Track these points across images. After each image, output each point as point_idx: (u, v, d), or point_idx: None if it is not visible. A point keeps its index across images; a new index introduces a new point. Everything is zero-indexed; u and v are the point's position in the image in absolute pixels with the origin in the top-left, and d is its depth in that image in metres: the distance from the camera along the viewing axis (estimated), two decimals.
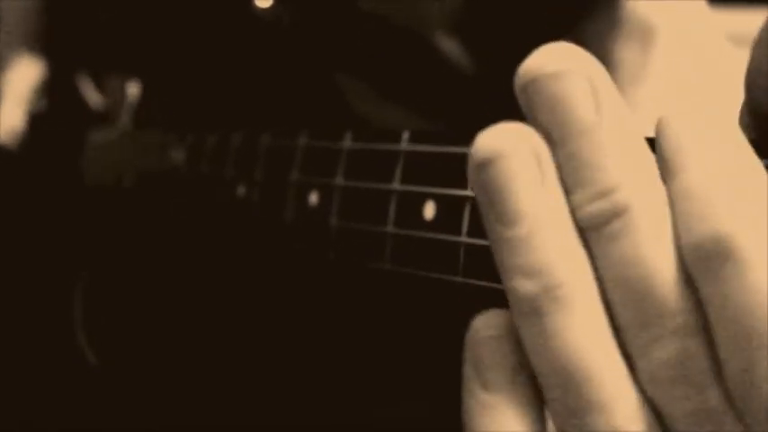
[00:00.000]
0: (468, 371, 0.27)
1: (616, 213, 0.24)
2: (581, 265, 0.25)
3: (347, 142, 0.39)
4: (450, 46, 0.63)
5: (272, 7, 0.60)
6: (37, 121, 0.76)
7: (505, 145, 0.25)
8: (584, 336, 0.25)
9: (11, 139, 0.76)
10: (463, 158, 0.33)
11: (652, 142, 0.25)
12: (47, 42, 0.75)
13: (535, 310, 0.25)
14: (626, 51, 0.65)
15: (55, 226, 0.73)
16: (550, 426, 0.27)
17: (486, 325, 0.27)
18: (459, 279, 0.33)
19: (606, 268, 0.25)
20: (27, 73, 0.77)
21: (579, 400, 0.25)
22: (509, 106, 0.67)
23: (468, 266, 0.33)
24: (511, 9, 0.64)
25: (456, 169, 0.33)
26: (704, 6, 0.66)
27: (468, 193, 0.33)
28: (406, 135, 0.36)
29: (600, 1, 0.66)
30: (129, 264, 0.68)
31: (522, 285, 0.25)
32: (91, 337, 0.69)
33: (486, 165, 0.25)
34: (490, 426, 0.26)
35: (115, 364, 0.69)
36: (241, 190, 0.48)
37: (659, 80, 0.64)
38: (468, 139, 0.33)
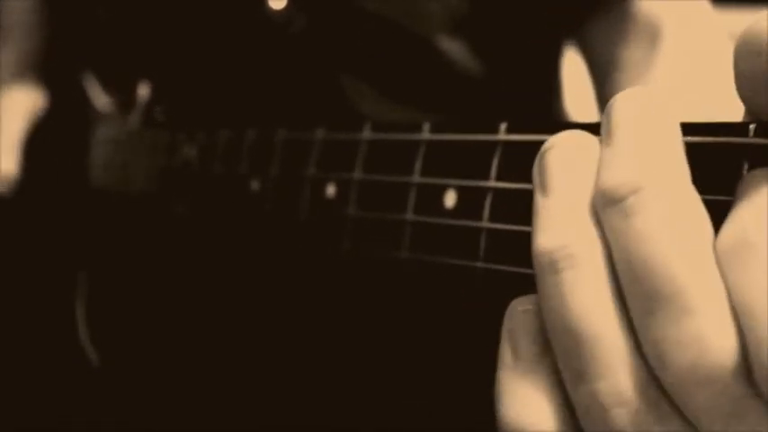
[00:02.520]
0: (502, 342, 0.29)
1: (631, 191, 0.26)
2: (592, 233, 0.27)
3: (367, 133, 0.40)
4: (454, 47, 0.64)
5: (285, 9, 0.60)
6: (43, 120, 0.76)
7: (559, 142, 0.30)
8: (591, 296, 0.27)
9: (5, 187, 0.76)
10: (484, 147, 0.34)
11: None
12: (55, 42, 0.76)
13: (550, 265, 0.27)
14: (632, 51, 0.66)
15: (60, 225, 0.73)
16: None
17: (521, 302, 0.30)
18: (480, 264, 0.34)
19: (617, 243, 0.27)
20: (22, 106, 0.77)
21: (585, 363, 0.27)
22: (515, 106, 0.68)
23: (490, 251, 0.33)
24: (516, 9, 0.65)
25: (477, 158, 0.34)
26: (707, 6, 0.67)
27: (489, 183, 0.34)
28: (426, 125, 0.37)
29: (606, 1, 0.66)
30: (133, 263, 0.68)
31: (541, 242, 0.28)
32: (94, 336, 0.69)
33: (542, 154, 0.29)
34: (517, 393, 0.28)
35: (118, 364, 0.69)
36: (255, 185, 0.49)
37: (665, 79, 0.64)
38: (489, 127, 0.34)
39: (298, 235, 0.45)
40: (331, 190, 0.42)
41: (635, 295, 0.26)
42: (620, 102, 0.28)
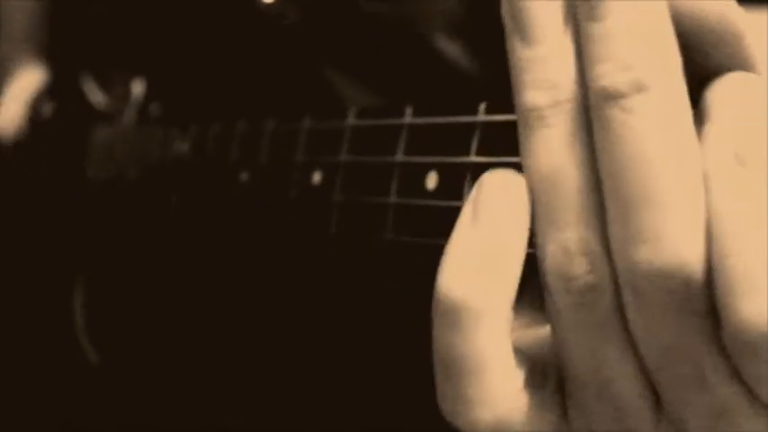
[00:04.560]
0: (465, 206, 0.30)
1: (635, 89, 0.26)
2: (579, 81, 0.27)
3: (351, 119, 0.40)
4: (451, 46, 0.64)
5: (277, 3, 0.61)
6: (40, 119, 0.77)
7: None
8: (571, 152, 0.27)
9: (10, 135, 0.76)
10: (465, 127, 0.34)
11: None
12: (51, 41, 0.76)
13: (540, 119, 0.28)
14: None
15: (57, 224, 0.73)
16: None
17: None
18: None
19: (606, 135, 0.26)
20: (30, 77, 0.77)
21: (560, 211, 0.28)
22: (511, 105, 0.68)
23: None
24: None
25: (458, 138, 0.34)
26: None
27: (470, 159, 0.34)
28: (409, 109, 0.37)
29: None
30: (130, 261, 0.68)
31: (533, 97, 0.28)
32: (92, 335, 0.69)
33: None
34: (466, 256, 0.29)
35: (117, 363, 0.69)
36: (244, 176, 0.49)
37: None
38: (469, 108, 0.35)
39: (287, 223, 0.45)
40: (317, 177, 0.42)
41: (613, 192, 0.26)
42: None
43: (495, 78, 0.65)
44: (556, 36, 0.28)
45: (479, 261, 0.28)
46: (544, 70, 0.28)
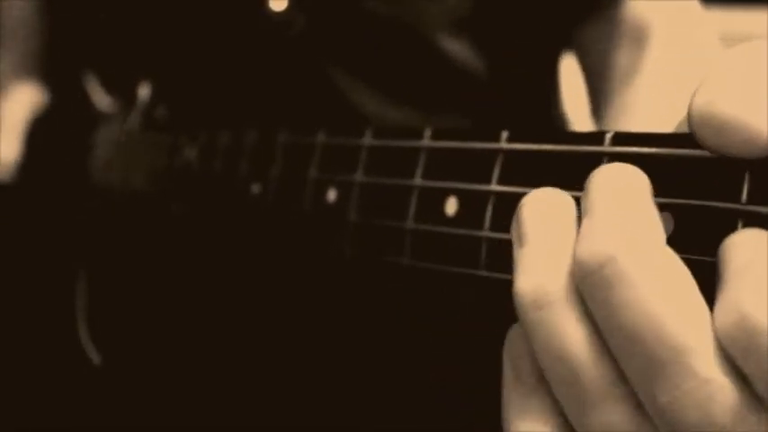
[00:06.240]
0: (504, 363, 0.30)
1: (606, 262, 0.26)
2: (569, 279, 0.28)
3: (368, 139, 0.40)
4: (455, 47, 0.64)
5: (286, 10, 0.60)
6: (45, 120, 0.76)
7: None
8: (572, 334, 0.27)
9: (5, 173, 0.76)
10: (486, 154, 0.34)
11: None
12: (57, 43, 0.76)
13: (531, 303, 0.28)
14: (619, 57, 0.65)
15: (60, 224, 0.73)
16: None
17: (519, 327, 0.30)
18: (482, 273, 0.34)
19: (600, 312, 0.27)
20: (24, 99, 0.77)
21: (574, 395, 0.27)
22: (516, 107, 0.68)
23: (491, 260, 0.33)
24: (517, 10, 0.65)
25: (479, 164, 0.34)
26: (698, 6, 0.67)
27: (492, 188, 0.34)
28: (428, 132, 0.37)
29: (599, 3, 0.66)
30: (133, 262, 0.68)
31: (520, 285, 0.28)
32: (94, 335, 0.69)
33: (519, 209, 0.30)
34: (523, 412, 0.29)
35: (119, 364, 0.69)
36: (255, 188, 0.49)
37: (651, 79, 0.64)
38: (490, 135, 0.34)
39: (298, 238, 0.45)
40: (332, 195, 0.42)
41: (629, 362, 0.26)
42: (598, 176, 0.28)
43: (499, 77, 0.65)
44: (542, 236, 0.29)
45: None
46: (533, 261, 0.28)
